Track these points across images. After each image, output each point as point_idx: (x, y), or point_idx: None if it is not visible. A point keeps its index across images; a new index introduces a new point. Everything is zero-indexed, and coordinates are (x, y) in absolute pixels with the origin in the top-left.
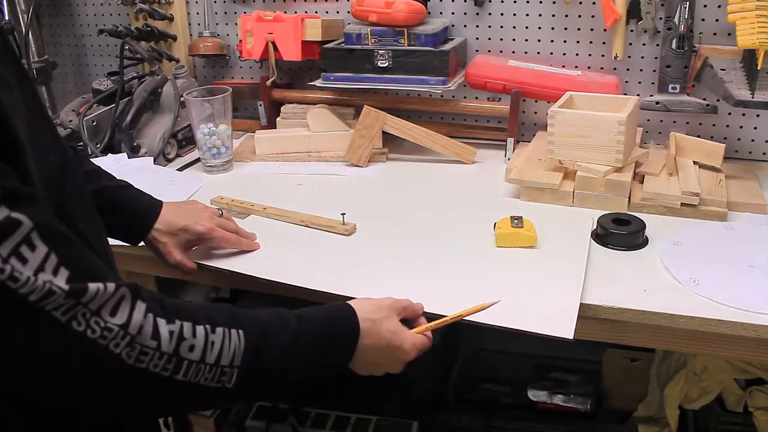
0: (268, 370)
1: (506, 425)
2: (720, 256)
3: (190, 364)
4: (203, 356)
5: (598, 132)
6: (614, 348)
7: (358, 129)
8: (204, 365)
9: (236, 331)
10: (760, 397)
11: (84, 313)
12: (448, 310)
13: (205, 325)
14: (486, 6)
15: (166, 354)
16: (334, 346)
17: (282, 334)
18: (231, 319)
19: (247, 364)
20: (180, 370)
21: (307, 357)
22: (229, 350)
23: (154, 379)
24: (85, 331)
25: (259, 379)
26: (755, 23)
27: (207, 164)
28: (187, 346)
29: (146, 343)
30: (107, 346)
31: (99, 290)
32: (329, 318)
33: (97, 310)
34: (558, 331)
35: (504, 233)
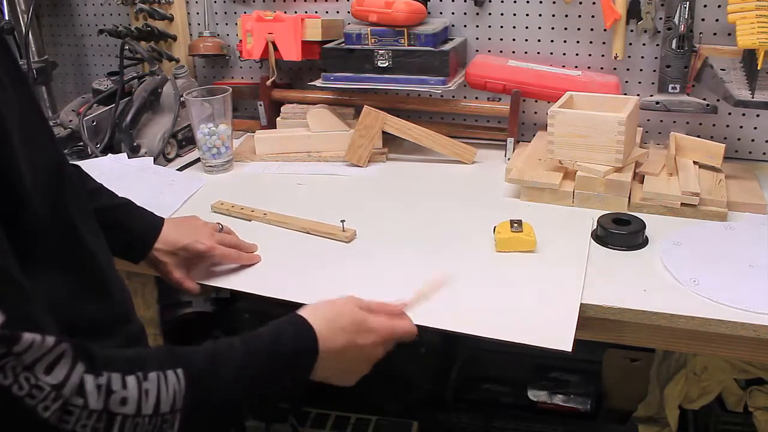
0: (216, 403)
1: (506, 425)
2: (720, 256)
3: (124, 419)
4: (138, 408)
5: (598, 132)
6: (614, 348)
7: (358, 129)
8: (141, 418)
9: (173, 372)
10: (760, 397)
11: (14, 366)
12: (447, 320)
13: (137, 373)
14: (486, 6)
15: (95, 411)
16: (288, 360)
17: (226, 362)
18: (166, 360)
19: (190, 404)
20: (113, 428)
21: (259, 379)
22: (168, 395)
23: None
24: (10, 387)
25: (204, 415)
26: (755, 23)
27: (207, 164)
28: (118, 399)
29: (73, 402)
30: (35, 407)
31: (35, 342)
32: (278, 331)
33: (31, 364)
34: (556, 343)
35: (503, 238)
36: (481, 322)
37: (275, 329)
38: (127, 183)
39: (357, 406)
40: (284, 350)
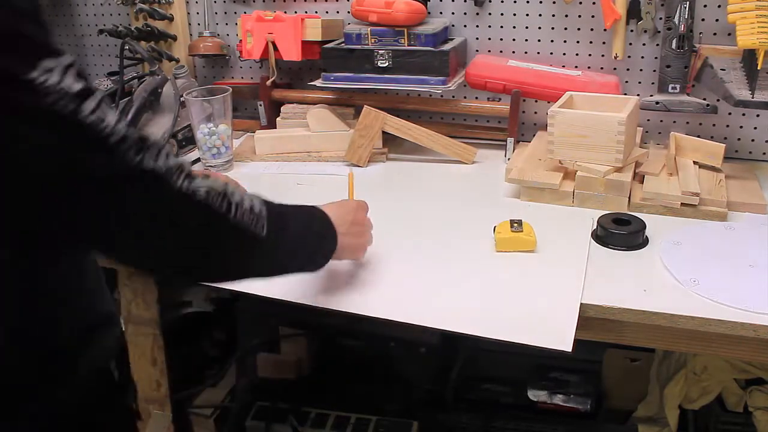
0: (286, 236)
1: (506, 425)
2: (720, 256)
3: (237, 206)
4: (241, 202)
5: (598, 132)
6: (614, 348)
7: (358, 129)
8: (243, 209)
9: (249, 196)
10: (760, 397)
11: (152, 154)
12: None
13: (227, 188)
14: (486, 6)
15: (221, 193)
16: (319, 227)
17: (291, 216)
18: (247, 194)
19: (271, 218)
20: (231, 212)
21: (308, 237)
22: (255, 206)
23: (212, 214)
24: (154, 168)
25: (280, 235)
26: (755, 23)
27: (207, 164)
28: (228, 192)
29: (200, 184)
30: (175, 179)
31: (156, 141)
32: (304, 208)
33: (157, 153)
34: (556, 344)
35: (503, 238)
36: (481, 322)
37: (301, 206)
38: None
39: (357, 406)
40: (313, 218)
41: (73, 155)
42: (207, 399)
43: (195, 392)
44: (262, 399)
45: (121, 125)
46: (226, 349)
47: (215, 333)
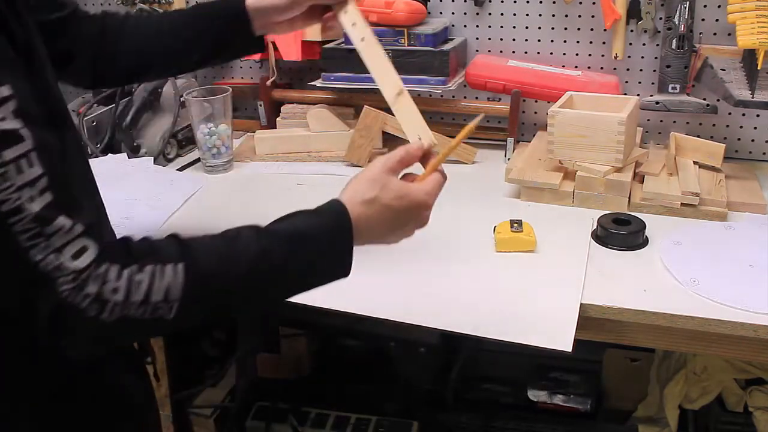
0: (223, 298)
1: (506, 425)
2: (720, 256)
3: (114, 305)
4: (127, 296)
5: (598, 132)
6: (614, 348)
7: (358, 129)
8: (130, 303)
9: (172, 266)
10: (760, 397)
11: (46, 246)
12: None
13: (132, 266)
14: (486, 6)
15: (90, 295)
16: (322, 248)
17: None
18: (169, 253)
19: (189, 296)
20: (104, 311)
21: (283, 271)
22: (160, 286)
23: (81, 316)
24: (39, 262)
25: (211, 307)
26: (755, 23)
27: (207, 164)
28: (111, 288)
29: (90, 290)
30: (55, 281)
31: (65, 227)
32: (311, 219)
33: (59, 248)
34: (556, 344)
35: (503, 238)
36: (481, 322)
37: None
38: (127, 183)
39: (357, 406)
40: (318, 237)
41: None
42: (207, 399)
43: (195, 392)
44: (262, 399)
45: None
46: (226, 349)
47: (215, 333)
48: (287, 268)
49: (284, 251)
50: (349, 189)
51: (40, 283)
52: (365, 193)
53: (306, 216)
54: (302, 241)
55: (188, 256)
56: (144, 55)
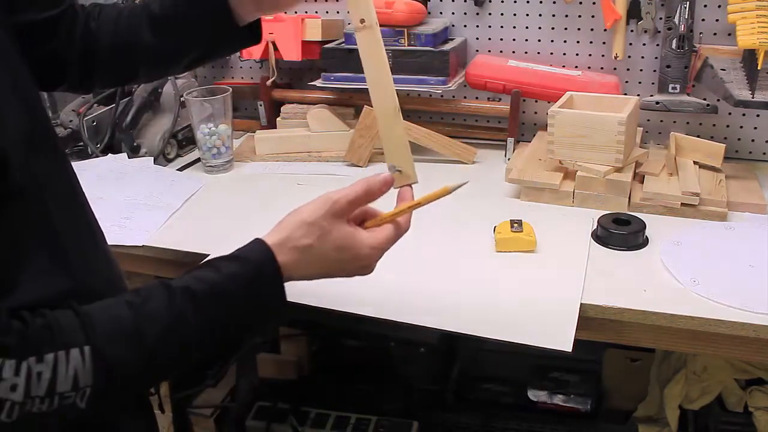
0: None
1: (506, 425)
2: (720, 256)
3: (12, 405)
4: (27, 391)
5: (598, 132)
6: (614, 348)
7: (358, 129)
8: (31, 399)
9: (77, 350)
10: (760, 397)
11: None
12: (447, 320)
13: (30, 358)
14: (486, 6)
15: (12, 404)
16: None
17: (149, 327)
18: (73, 337)
19: (102, 380)
20: (2, 411)
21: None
22: (66, 374)
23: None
24: None
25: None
26: (755, 23)
27: (207, 164)
28: (8, 386)
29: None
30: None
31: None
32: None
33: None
34: (556, 343)
35: (503, 238)
36: (481, 322)
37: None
38: (127, 183)
39: (357, 406)
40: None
41: None
42: (207, 399)
43: (195, 392)
44: (262, 399)
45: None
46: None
47: None
48: (207, 329)
49: (201, 313)
50: (281, 229)
51: None
52: (299, 239)
53: (226, 266)
54: (221, 297)
55: (92, 337)
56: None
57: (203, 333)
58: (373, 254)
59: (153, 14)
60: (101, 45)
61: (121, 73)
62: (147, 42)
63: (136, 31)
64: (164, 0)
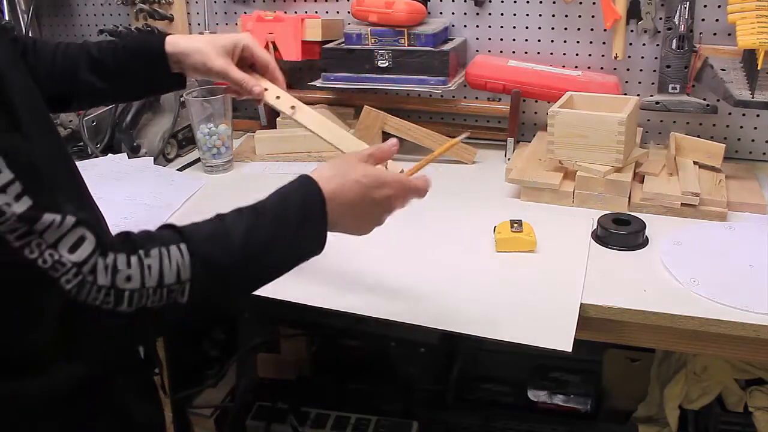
0: (229, 269)
1: (506, 425)
2: (720, 256)
3: (131, 293)
4: (142, 282)
5: (598, 132)
6: (614, 348)
7: (358, 129)
8: (145, 290)
9: (175, 247)
10: (760, 397)
11: (39, 243)
12: (447, 320)
13: (139, 252)
14: (486, 6)
15: (104, 287)
16: (298, 220)
17: (233, 228)
18: (170, 237)
19: (199, 273)
20: (122, 300)
21: (271, 244)
22: (171, 268)
23: (96, 312)
24: (36, 260)
25: (220, 281)
26: (755, 23)
27: (207, 164)
28: (123, 276)
29: (88, 279)
30: (58, 279)
31: (55, 221)
32: (284, 195)
33: (54, 243)
34: (556, 343)
35: (504, 238)
36: (481, 322)
37: (281, 193)
38: (127, 183)
39: (357, 406)
40: (291, 209)
41: None
42: (207, 399)
43: (195, 392)
44: (262, 399)
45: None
46: (226, 349)
47: (215, 333)
48: (272, 241)
49: (267, 224)
50: (316, 169)
51: (43, 284)
52: (333, 168)
53: (277, 193)
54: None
55: (187, 237)
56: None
57: (269, 244)
58: (397, 185)
59: (91, 56)
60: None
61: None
62: (83, 80)
63: (73, 69)
64: (102, 44)
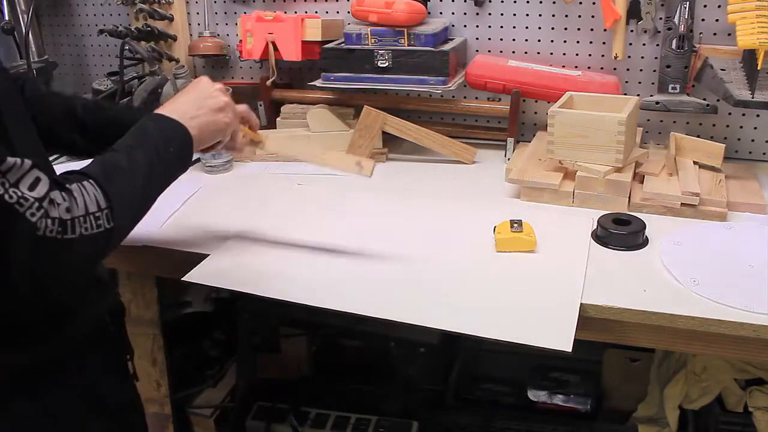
0: (132, 191)
1: (506, 425)
2: (720, 256)
3: (73, 221)
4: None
5: (598, 132)
6: (614, 348)
7: (358, 129)
8: (78, 218)
9: (87, 182)
10: (760, 397)
11: (3, 182)
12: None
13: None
14: (486, 6)
15: (57, 219)
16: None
17: (119, 160)
18: (78, 177)
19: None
20: (67, 228)
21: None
22: (90, 199)
23: (54, 242)
24: (2, 195)
25: (130, 201)
26: (755, 23)
27: (207, 164)
28: (64, 208)
29: (48, 212)
30: (24, 213)
31: (16, 164)
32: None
33: (16, 182)
34: (556, 344)
35: (503, 238)
36: (481, 322)
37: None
38: None
39: (357, 406)
40: (147, 127)
41: None
42: (207, 399)
43: (195, 392)
44: (262, 399)
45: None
46: (226, 349)
47: (215, 333)
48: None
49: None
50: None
51: (9, 217)
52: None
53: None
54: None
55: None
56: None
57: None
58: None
59: (73, 112)
60: None
61: None
62: (58, 132)
63: (51, 119)
64: (88, 104)
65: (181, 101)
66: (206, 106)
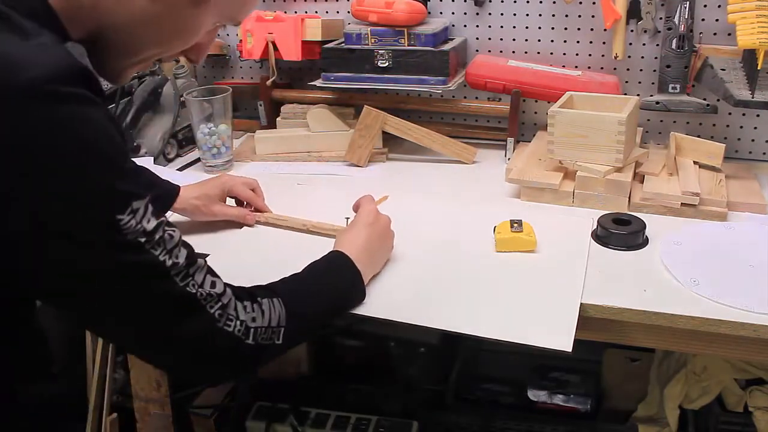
0: (306, 316)
1: (506, 425)
2: (720, 256)
3: (257, 330)
4: (263, 322)
5: (598, 132)
6: (614, 348)
7: (358, 129)
8: (261, 328)
9: (277, 299)
10: (760, 397)
11: (194, 284)
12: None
13: (257, 301)
14: (486, 6)
15: (244, 322)
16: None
17: (305, 287)
18: (268, 293)
19: (291, 321)
20: (250, 333)
21: (327, 292)
22: (275, 314)
23: (233, 340)
24: (196, 293)
25: (300, 324)
26: (755, 23)
27: (207, 164)
28: (251, 317)
29: (231, 312)
30: (205, 306)
31: (200, 265)
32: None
33: (202, 282)
34: (556, 343)
35: (503, 238)
36: (481, 322)
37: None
38: None
39: (357, 406)
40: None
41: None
42: (207, 399)
43: (195, 392)
44: (262, 399)
45: (175, 250)
46: None
47: None
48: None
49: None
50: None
51: (193, 310)
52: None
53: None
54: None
55: (280, 293)
56: None
57: (330, 288)
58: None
59: None
60: None
61: None
62: None
63: None
64: None
65: (378, 254)
66: (387, 250)
